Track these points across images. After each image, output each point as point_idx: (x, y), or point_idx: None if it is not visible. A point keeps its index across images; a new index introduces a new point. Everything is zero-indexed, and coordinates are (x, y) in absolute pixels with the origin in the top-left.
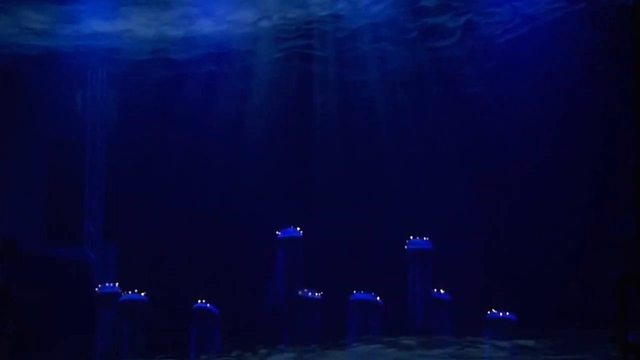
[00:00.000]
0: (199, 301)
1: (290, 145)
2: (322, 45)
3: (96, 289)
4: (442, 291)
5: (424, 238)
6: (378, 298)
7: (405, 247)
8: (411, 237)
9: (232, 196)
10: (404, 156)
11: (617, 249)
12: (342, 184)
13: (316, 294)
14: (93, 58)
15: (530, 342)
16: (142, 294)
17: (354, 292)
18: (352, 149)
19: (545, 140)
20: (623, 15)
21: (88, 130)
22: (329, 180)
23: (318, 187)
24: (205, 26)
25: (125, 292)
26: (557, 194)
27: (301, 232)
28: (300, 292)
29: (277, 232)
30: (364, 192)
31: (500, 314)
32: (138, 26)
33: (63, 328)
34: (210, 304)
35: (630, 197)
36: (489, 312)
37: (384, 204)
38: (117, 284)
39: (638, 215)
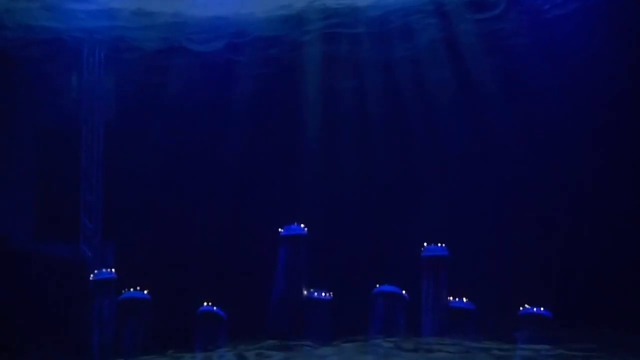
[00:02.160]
0: (205, 304)
1: (306, 139)
2: (354, 23)
3: (91, 277)
4: (464, 300)
5: (440, 244)
6: (403, 292)
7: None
8: (425, 244)
9: (241, 190)
10: (434, 143)
11: None
12: (365, 179)
13: (325, 294)
14: (99, 43)
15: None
16: (145, 291)
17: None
18: (379, 137)
19: (585, 129)
20: None
21: (86, 120)
22: (349, 175)
23: (336, 184)
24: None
25: (125, 290)
26: (592, 187)
27: (306, 229)
28: (308, 293)
29: (279, 229)
30: (388, 187)
31: (534, 309)
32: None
33: (56, 330)
34: (216, 307)
35: None
36: (522, 308)
37: (407, 197)
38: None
39: None
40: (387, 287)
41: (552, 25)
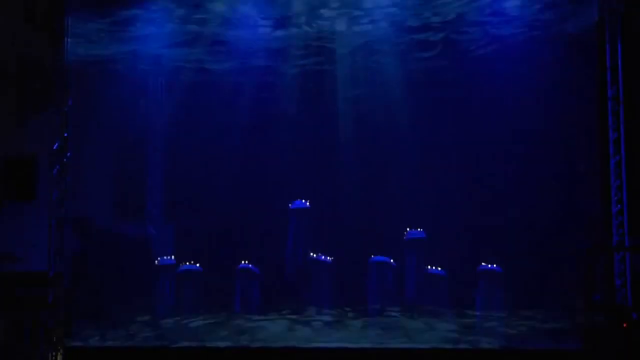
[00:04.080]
0: (243, 262)
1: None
2: (330, 60)
3: (156, 262)
4: (439, 268)
5: (419, 229)
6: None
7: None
8: (408, 229)
9: (260, 181)
10: (399, 159)
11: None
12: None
13: (326, 257)
14: (147, 65)
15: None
16: (197, 265)
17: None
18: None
19: (521, 137)
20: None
21: (150, 127)
22: (353, 166)
23: (341, 172)
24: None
25: (182, 263)
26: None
27: (308, 203)
28: (310, 255)
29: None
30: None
31: (489, 266)
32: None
33: (128, 293)
34: (252, 265)
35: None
36: (479, 266)
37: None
38: (173, 256)
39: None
40: (379, 257)
41: (480, 61)
